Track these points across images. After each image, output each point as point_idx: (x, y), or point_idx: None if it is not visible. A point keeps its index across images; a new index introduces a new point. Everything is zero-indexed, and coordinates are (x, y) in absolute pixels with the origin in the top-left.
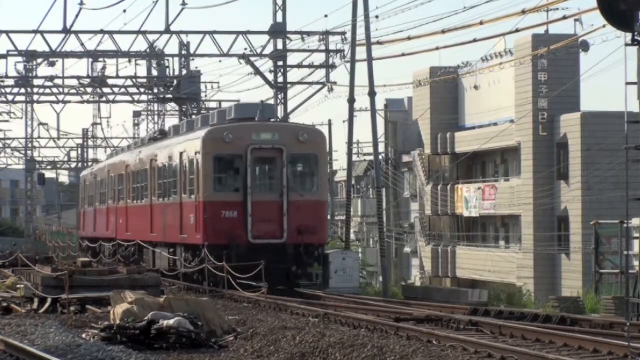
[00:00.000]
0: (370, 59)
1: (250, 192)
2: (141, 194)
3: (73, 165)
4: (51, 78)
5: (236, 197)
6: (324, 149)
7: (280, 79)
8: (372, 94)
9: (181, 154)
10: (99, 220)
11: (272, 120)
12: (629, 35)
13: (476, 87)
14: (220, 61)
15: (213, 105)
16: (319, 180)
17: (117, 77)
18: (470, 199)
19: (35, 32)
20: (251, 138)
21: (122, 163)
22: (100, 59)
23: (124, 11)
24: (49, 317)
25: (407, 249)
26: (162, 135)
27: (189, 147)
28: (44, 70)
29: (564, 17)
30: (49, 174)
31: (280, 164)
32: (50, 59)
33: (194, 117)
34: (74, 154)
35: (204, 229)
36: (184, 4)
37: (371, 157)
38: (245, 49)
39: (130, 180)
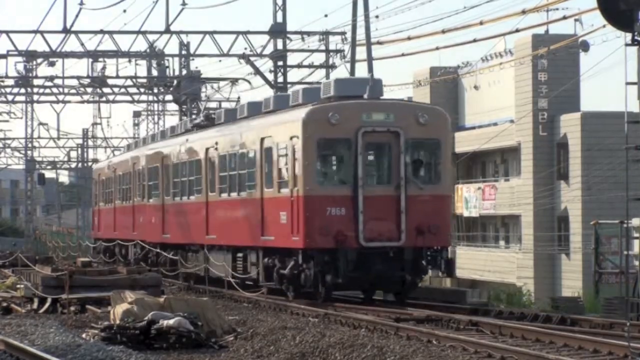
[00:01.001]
0: (370, 59)
1: (362, 185)
2: (188, 189)
3: (73, 165)
4: (51, 78)
5: (344, 191)
6: (447, 132)
7: (280, 79)
8: None
9: (262, 139)
10: (120, 219)
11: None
12: (629, 35)
13: (476, 87)
14: (220, 61)
15: (213, 105)
16: (442, 169)
17: (117, 77)
18: (470, 199)
19: (35, 32)
20: (361, 119)
21: (156, 154)
22: (100, 59)
23: (124, 11)
24: (49, 317)
25: None
26: (209, 121)
27: (278, 131)
28: (43, 70)
29: (564, 17)
30: (49, 174)
31: (396, 151)
32: (50, 59)
33: (235, 104)
34: (73, 154)
35: (304, 229)
36: (184, 3)
37: None
38: (245, 49)
39: (169, 174)
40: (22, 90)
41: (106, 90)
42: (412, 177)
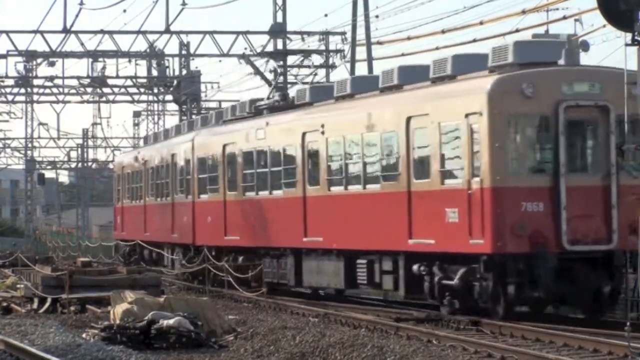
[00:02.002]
0: (370, 59)
1: (564, 173)
2: (271, 182)
3: (73, 165)
4: (51, 78)
5: (542, 181)
6: None
7: (280, 79)
8: None
9: (409, 119)
10: (153, 219)
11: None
12: (629, 35)
13: None
14: (220, 61)
15: (213, 105)
16: None
17: (117, 77)
18: None
19: (35, 32)
20: (561, 90)
21: (213, 142)
22: (100, 59)
23: (124, 11)
24: (49, 316)
25: None
26: (285, 101)
27: (440, 107)
28: (43, 70)
29: (564, 17)
30: (49, 174)
31: (604, 130)
32: (50, 59)
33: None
34: (73, 154)
35: (492, 230)
36: (183, 3)
37: None
38: (245, 49)
39: (235, 165)
40: (22, 90)
41: (106, 90)
42: (620, 162)
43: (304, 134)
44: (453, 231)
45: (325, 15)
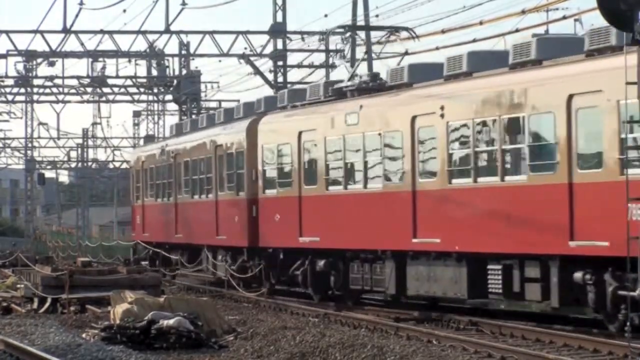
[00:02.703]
0: (370, 59)
1: None
2: (365, 174)
3: (73, 165)
4: (51, 78)
5: None
6: None
7: (280, 79)
8: None
9: (571, 97)
10: (188, 219)
11: None
12: (629, 35)
13: None
14: (220, 61)
15: (213, 105)
16: None
17: (117, 76)
18: None
19: (35, 31)
20: None
21: (283, 129)
22: (100, 59)
23: (124, 11)
24: (49, 316)
25: None
26: (375, 80)
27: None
28: (43, 70)
29: (564, 17)
30: (49, 174)
31: None
32: (50, 59)
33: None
34: (73, 154)
35: None
36: (183, 3)
37: None
38: (245, 49)
39: (320, 154)
40: (22, 90)
41: (106, 90)
42: None
43: (413, 118)
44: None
45: (325, 15)
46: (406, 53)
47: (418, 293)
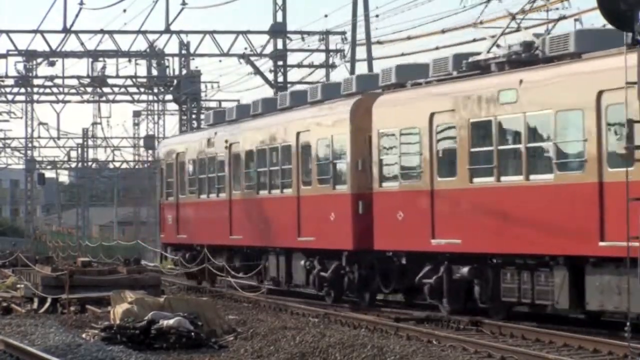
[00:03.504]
0: (370, 59)
1: None
2: (528, 163)
3: (73, 165)
4: (51, 78)
5: None
6: None
7: (280, 79)
8: None
9: None
10: (252, 218)
11: None
12: (629, 35)
13: None
14: (220, 61)
15: (213, 105)
16: None
17: (117, 76)
18: None
19: (35, 31)
20: None
21: (403, 112)
22: (100, 59)
23: (124, 11)
24: (49, 317)
25: None
26: (529, 50)
27: None
28: (43, 69)
29: (564, 17)
30: (49, 174)
31: None
32: (50, 59)
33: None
34: (73, 154)
35: None
36: (183, 3)
37: None
38: (245, 49)
39: (464, 140)
40: (22, 90)
41: (106, 90)
42: None
43: (599, 94)
44: None
45: (326, 15)
46: (562, 18)
47: (602, 307)
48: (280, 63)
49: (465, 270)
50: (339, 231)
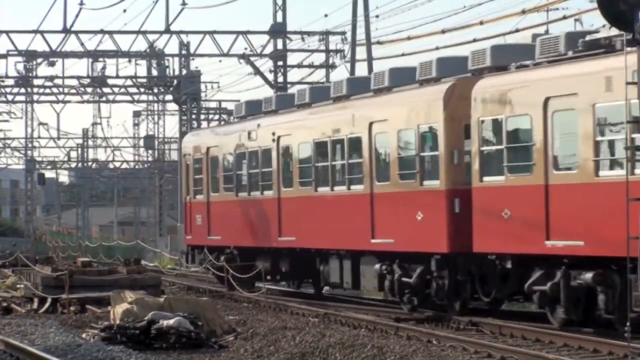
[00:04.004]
0: (370, 59)
1: None
2: None
3: (73, 165)
4: (51, 78)
5: None
6: None
7: (280, 79)
8: None
9: None
10: (306, 217)
11: None
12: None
13: None
14: (220, 61)
15: (213, 105)
16: None
17: (117, 76)
18: None
19: (35, 31)
20: None
21: (512, 97)
22: (100, 59)
23: (124, 11)
24: (49, 316)
25: None
26: None
27: None
28: (43, 70)
29: (564, 17)
30: (49, 174)
31: None
32: (50, 59)
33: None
34: (73, 154)
35: None
36: (183, 3)
37: None
38: (245, 49)
39: (589, 130)
40: (22, 90)
41: (106, 90)
42: None
43: None
44: None
45: (326, 15)
46: None
47: None
48: (280, 63)
49: (587, 276)
50: (429, 232)
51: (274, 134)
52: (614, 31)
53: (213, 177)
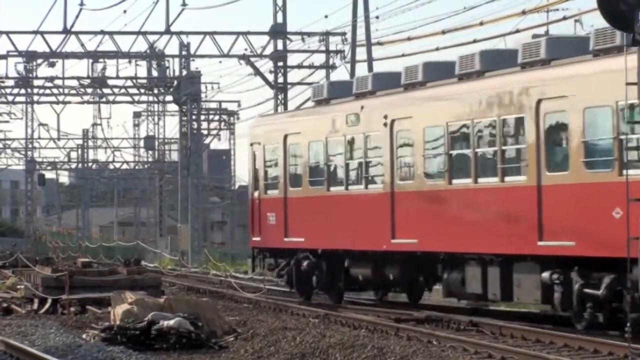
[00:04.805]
0: (370, 60)
1: None
2: None
3: (73, 165)
4: (51, 78)
5: None
6: None
7: (280, 80)
8: None
9: None
10: (437, 215)
11: None
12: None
13: None
14: (220, 62)
15: (213, 105)
16: None
17: (117, 77)
18: None
19: (35, 32)
20: None
21: None
22: (100, 60)
23: (124, 12)
24: (49, 317)
25: None
26: None
27: None
28: (44, 70)
29: (564, 18)
30: (49, 175)
31: None
32: (50, 60)
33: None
34: (74, 155)
35: None
36: (184, 4)
37: None
38: (246, 50)
39: None
40: (22, 91)
41: (106, 90)
42: None
43: None
44: None
45: (326, 16)
46: None
47: None
48: (280, 64)
49: None
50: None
51: (386, 117)
52: None
53: (293, 169)
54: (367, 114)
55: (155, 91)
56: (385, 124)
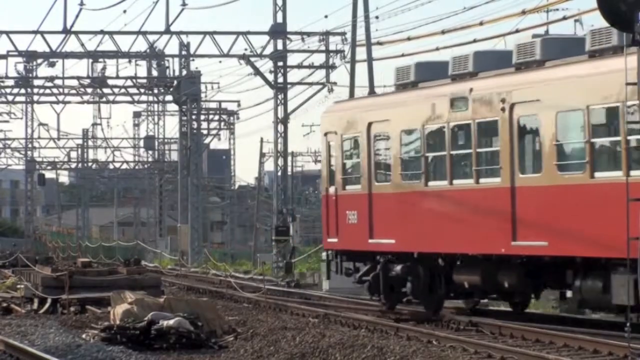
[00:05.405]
0: (370, 59)
1: None
2: None
3: (73, 165)
4: (51, 78)
5: None
6: None
7: (280, 79)
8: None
9: None
10: (553, 213)
11: None
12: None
13: None
14: (220, 61)
15: (213, 105)
16: None
17: (117, 77)
18: None
19: (35, 32)
20: None
21: None
22: (100, 59)
23: (124, 11)
24: (49, 317)
25: None
26: None
27: None
28: (43, 70)
29: (564, 18)
30: (49, 175)
31: None
32: (50, 59)
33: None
34: (74, 154)
35: None
36: (184, 4)
37: None
38: (245, 50)
39: None
40: (22, 91)
41: (106, 90)
42: None
43: None
44: None
45: (326, 16)
46: None
47: None
48: (280, 64)
49: None
50: None
51: (503, 100)
52: None
53: (380, 161)
54: (479, 97)
55: (155, 91)
56: (502, 109)
